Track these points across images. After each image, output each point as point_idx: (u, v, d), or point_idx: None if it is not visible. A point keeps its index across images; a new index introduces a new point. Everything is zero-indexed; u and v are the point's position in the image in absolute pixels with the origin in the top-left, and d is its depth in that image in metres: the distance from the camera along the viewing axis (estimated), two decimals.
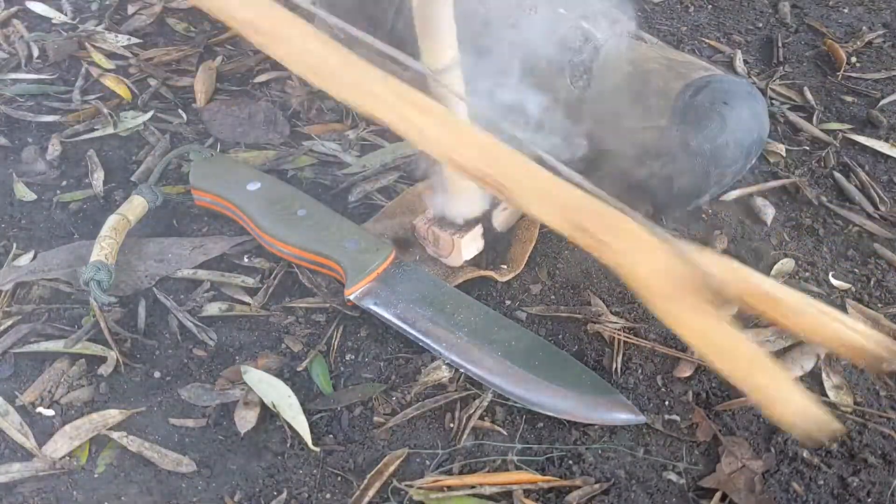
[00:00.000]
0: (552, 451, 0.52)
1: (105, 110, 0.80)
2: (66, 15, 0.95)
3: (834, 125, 0.82)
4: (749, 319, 0.61)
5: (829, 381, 0.57)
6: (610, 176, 0.65)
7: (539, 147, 0.41)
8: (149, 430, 0.53)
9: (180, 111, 0.82)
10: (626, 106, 0.65)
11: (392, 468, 0.51)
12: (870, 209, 0.71)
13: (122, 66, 0.88)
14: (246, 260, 0.65)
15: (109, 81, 0.85)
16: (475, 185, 0.62)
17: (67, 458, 0.51)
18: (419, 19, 0.53)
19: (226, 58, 0.89)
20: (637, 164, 0.64)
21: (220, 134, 0.78)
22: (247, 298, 0.62)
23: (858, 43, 0.94)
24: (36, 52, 0.88)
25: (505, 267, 0.64)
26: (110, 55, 0.89)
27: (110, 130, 0.78)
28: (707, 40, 0.95)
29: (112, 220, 0.63)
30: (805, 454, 0.52)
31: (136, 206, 0.65)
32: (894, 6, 1.01)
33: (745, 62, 0.91)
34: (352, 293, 0.59)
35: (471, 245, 0.63)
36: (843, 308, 0.62)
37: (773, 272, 0.65)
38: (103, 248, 0.61)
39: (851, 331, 0.36)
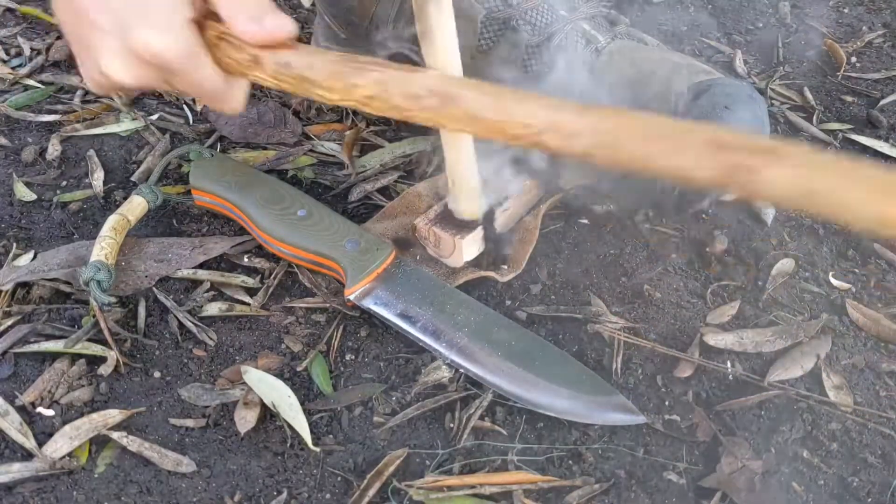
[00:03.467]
0: (552, 451, 0.52)
1: (106, 110, 0.80)
2: None
3: (834, 125, 0.82)
4: (749, 319, 0.61)
5: (829, 381, 0.57)
6: (611, 179, 0.65)
7: None
8: (149, 430, 0.53)
9: (185, 110, 0.82)
10: (627, 109, 0.64)
11: (392, 468, 0.51)
12: None
13: None
14: (246, 260, 0.65)
15: None
16: (477, 187, 0.62)
17: (67, 458, 0.51)
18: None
19: None
20: None
21: (230, 134, 0.78)
22: (247, 298, 0.62)
23: (858, 43, 0.94)
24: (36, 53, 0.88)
25: (505, 267, 0.64)
26: None
27: (110, 130, 0.78)
28: (707, 40, 0.95)
29: (112, 220, 0.63)
30: (805, 454, 0.52)
31: (136, 206, 0.65)
32: (894, 6, 1.01)
33: (745, 62, 0.91)
34: (352, 293, 0.59)
35: (472, 245, 0.63)
36: (842, 308, 0.62)
37: (773, 272, 0.65)
38: (103, 248, 0.61)
39: None
